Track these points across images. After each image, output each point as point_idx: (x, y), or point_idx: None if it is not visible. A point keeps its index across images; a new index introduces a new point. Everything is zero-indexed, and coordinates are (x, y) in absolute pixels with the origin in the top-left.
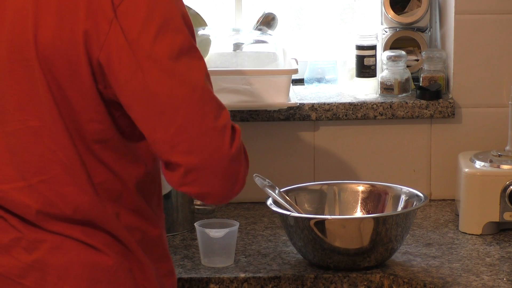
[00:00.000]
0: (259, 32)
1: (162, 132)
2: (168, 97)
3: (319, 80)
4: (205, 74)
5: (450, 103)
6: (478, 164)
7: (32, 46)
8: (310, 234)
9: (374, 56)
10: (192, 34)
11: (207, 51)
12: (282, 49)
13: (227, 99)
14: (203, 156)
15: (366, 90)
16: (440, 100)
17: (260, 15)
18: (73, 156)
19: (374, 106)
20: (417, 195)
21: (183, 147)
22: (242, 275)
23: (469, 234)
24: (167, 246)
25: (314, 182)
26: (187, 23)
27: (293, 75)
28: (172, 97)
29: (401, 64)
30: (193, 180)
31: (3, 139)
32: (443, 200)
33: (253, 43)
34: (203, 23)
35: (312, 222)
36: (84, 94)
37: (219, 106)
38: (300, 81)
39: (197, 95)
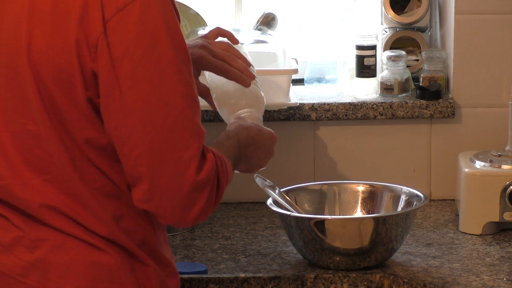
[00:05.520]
0: (259, 32)
1: (127, 150)
2: (140, 121)
3: (319, 80)
4: (186, 99)
5: (450, 103)
6: (478, 164)
7: (25, 53)
8: (310, 234)
9: (374, 56)
10: (180, 49)
11: None
12: (282, 49)
13: None
14: (160, 183)
15: (366, 90)
16: (440, 100)
17: (260, 15)
18: (67, 161)
19: (374, 106)
20: (417, 195)
21: (143, 169)
22: (242, 275)
23: (469, 234)
24: (169, 247)
25: (314, 182)
26: (175, 41)
27: (293, 75)
28: (144, 122)
29: (401, 64)
30: (148, 200)
31: (8, 137)
32: (443, 200)
33: (253, 43)
34: (203, 23)
35: (312, 222)
36: (75, 102)
37: (192, 135)
38: (300, 81)
39: (169, 122)
